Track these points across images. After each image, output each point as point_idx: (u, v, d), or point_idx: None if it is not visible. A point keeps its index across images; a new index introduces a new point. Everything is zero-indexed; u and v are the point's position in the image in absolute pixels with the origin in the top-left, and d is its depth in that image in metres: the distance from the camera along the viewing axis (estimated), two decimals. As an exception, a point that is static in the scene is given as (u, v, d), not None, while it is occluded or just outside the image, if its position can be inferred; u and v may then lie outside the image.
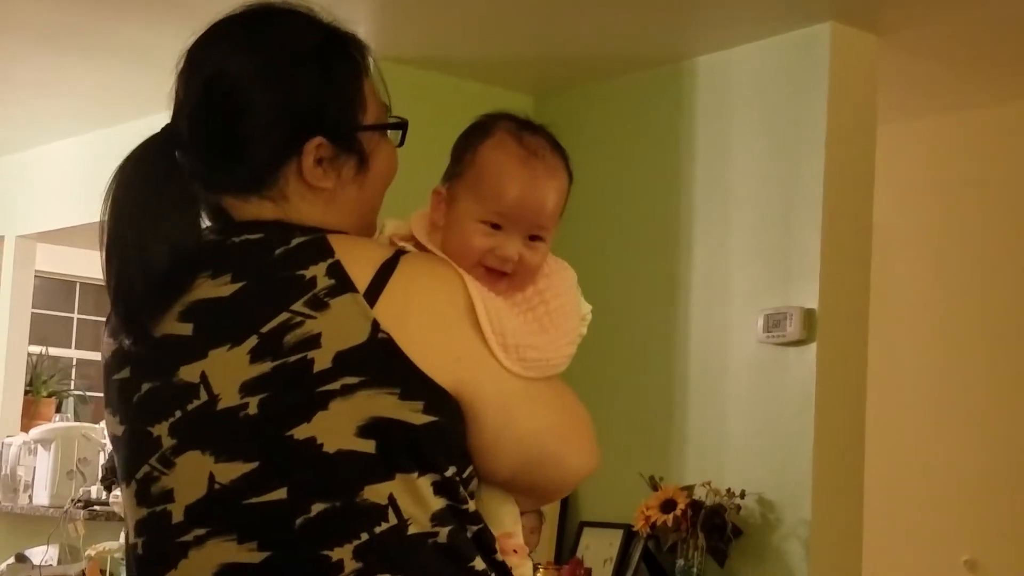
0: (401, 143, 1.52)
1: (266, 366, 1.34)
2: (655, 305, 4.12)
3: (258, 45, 1.45)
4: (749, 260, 3.89)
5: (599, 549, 4.05)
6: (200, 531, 1.36)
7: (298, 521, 1.32)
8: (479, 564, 1.37)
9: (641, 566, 3.90)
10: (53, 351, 6.34)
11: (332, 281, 1.34)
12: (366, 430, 1.32)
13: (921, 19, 3.77)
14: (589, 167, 4.38)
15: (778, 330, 3.73)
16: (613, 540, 4.03)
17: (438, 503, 1.35)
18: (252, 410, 1.34)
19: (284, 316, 1.34)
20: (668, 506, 3.75)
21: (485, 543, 1.40)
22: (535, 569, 3.99)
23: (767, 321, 3.76)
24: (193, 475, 1.36)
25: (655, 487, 3.85)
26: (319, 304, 1.33)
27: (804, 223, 3.76)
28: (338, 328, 1.33)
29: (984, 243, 4.57)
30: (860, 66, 3.85)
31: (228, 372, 1.35)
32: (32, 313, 5.89)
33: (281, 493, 1.33)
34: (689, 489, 3.79)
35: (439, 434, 1.34)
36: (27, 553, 4.84)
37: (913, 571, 4.57)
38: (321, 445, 1.32)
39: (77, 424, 5.24)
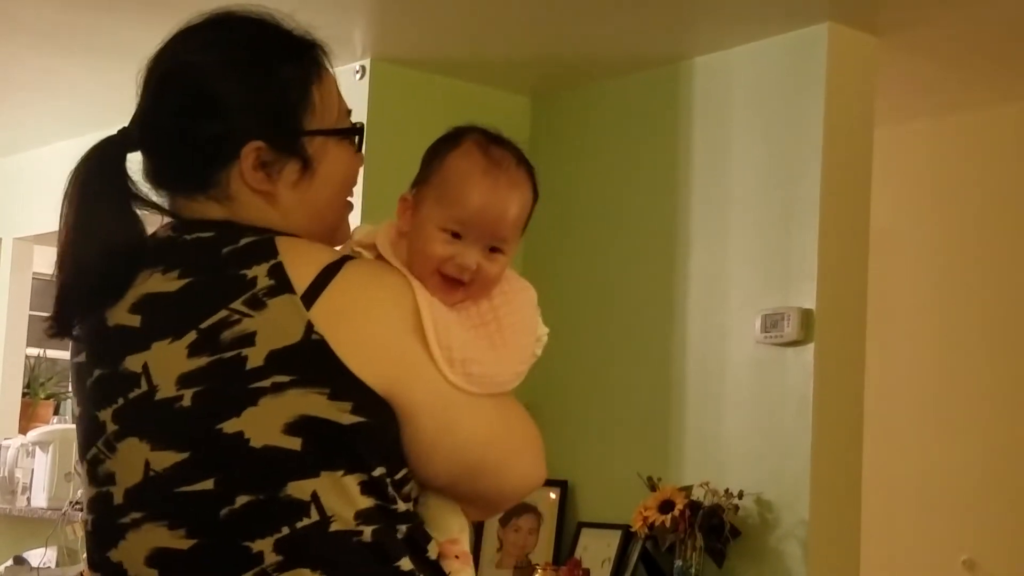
0: (358, 149, 1.54)
1: (202, 360, 1.38)
2: (653, 305, 4.11)
3: (208, 47, 1.48)
4: (747, 261, 3.90)
5: (597, 550, 4.05)
6: (136, 514, 1.41)
7: (223, 512, 1.36)
8: (406, 564, 1.40)
9: (639, 567, 3.90)
10: (51, 353, 6.32)
11: (272, 281, 1.37)
12: (294, 427, 1.35)
13: (919, 20, 3.77)
14: (586, 168, 4.38)
15: (776, 330, 3.73)
16: (611, 541, 4.03)
17: (365, 502, 1.37)
18: (186, 402, 1.38)
19: (223, 313, 1.37)
20: (666, 507, 3.75)
21: (416, 543, 1.42)
22: (534, 570, 3.99)
23: (765, 321, 3.76)
24: (132, 461, 1.41)
25: (653, 488, 3.85)
26: (257, 303, 1.37)
27: (802, 224, 3.76)
28: (273, 327, 1.36)
29: (982, 244, 4.57)
30: (858, 67, 3.85)
31: (167, 364, 1.40)
32: (29, 315, 5.88)
33: (209, 484, 1.37)
34: (687, 489, 3.79)
35: (367, 435, 1.37)
36: (25, 555, 4.84)
37: (911, 571, 4.57)
38: (248, 440, 1.36)
39: (75, 426, 5.23)
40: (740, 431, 3.84)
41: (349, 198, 1.55)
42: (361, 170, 1.58)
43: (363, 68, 4.21)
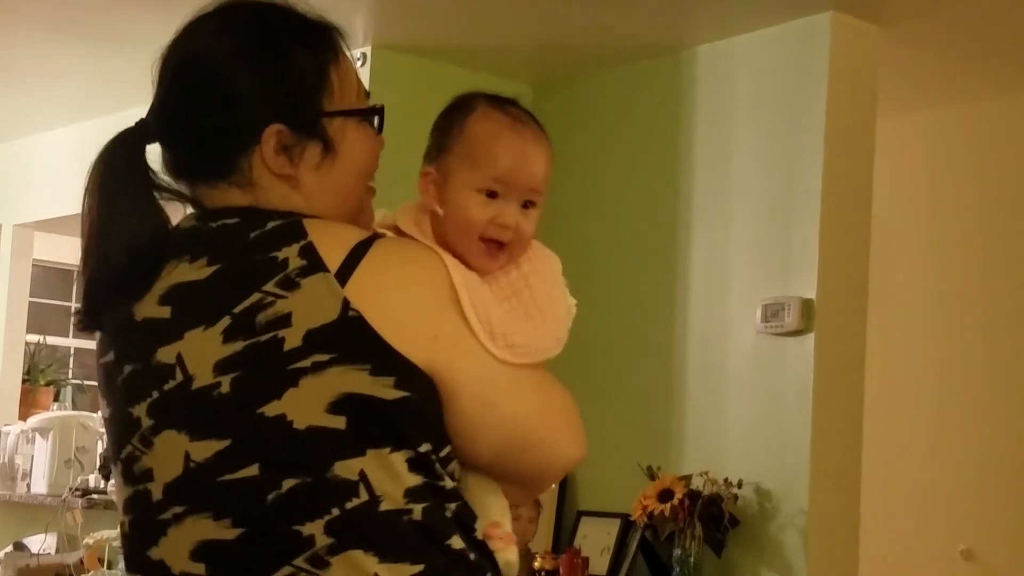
0: (379, 130, 1.53)
1: (238, 345, 1.36)
2: (654, 295, 4.11)
3: (221, 33, 1.48)
4: (748, 250, 3.89)
5: (597, 538, 4.05)
6: (178, 509, 1.39)
7: (270, 497, 1.34)
8: (456, 543, 1.38)
9: (638, 556, 3.91)
10: (51, 340, 6.33)
11: (304, 262, 1.36)
12: (336, 406, 1.34)
13: (921, 10, 3.77)
14: (588, 157, 4.37)
15: (776, 320, 3.73)
16: (611, 529, 4.03)
17: (413, 480, 1.36)
18: (224, 389, 1.36)
19: (256, 296, 1.36)
20: (666, 496, 3.75)
21: (465, 522, 1.40)
22: (533, 558, 3.99)
23: (765, 311, 3.76)
24: (170, 454, 1.39)
25: (653, 477, 3.85)
26: (290, 284, 1.36)
27: (803, 214, 3.75)
28: (308, 307, 1.35)
29: (983, 235, 4.57)
30: (860, 56, 3.84)
31: (202, 352, 1.38)
32: (30, 302, 5.88)
33: (253, 470, 1.35)
34: (687, 479, 3.79)
35: (411, 410, 1.35)
36: (25, 541, 4.84)
37: (909, 560, 4.57)
38: (291, 422, 1.34)
39: (75, 413, 5.24)
40: (740, 421, 3.84)
41: (371, 183, 1.54)
42: None
43: (364, 55, 4.21)
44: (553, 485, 1.58)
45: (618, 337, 4.17)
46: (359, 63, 4.19)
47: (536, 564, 3.98)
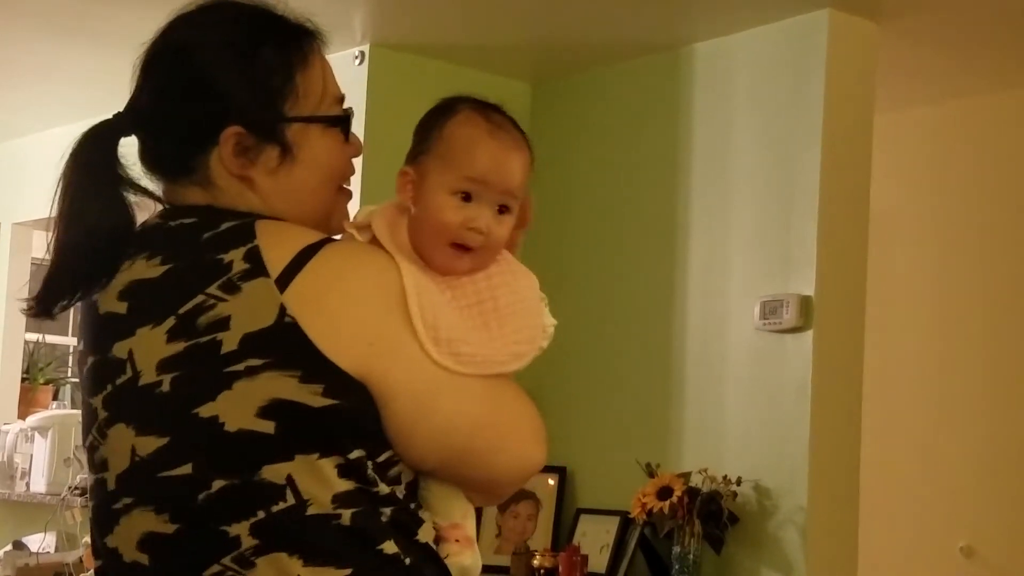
0: (345, 138, 1.52)
1: (180, 346, 1.39)
2: (652, 292, 4.11)
3: (191, 31, 1.50)
4: (746, 247, 3.89)
5: (596, 536, 4.05)
6: (127, 500, 1.43)
7: (201, 496, 1.37)
8: (389, 547, 1.39)
9: (638, 553, 3.91)
10: (50, 338, 6.32)
11: (247, 265, 1.38)
12: (267, 411, 1.35)
13: (919, 6, 3.77)
14: (587, 154, 4.37)
15: (775, 317, 3.73)
16: (610, 527, 4.03)
17: (343, 485, 1.37)
18: (165, 387, 1.39)
19: (200, 298, 1.38)
20: (665, 493, 3.75)
21: (404, 526, 1.41)
22: (532, 556, 3.99)
23: (764, 308, 3.76)
24: (120, 446, 1.43)
25: (652, 474, 3.85)
26: (231, 288, 1.37)
27: (802, 210, 3.76)
28: (247, 311, 1.37)
29: (982, 231, 4.57)
30: (859, 53, 3.85)
31: (149, 350, 1.41)
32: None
33: (187, 468, 1.38)
34: (686, 476, 3.80)
35: (340, 417, 1.36)
36: (24, 540, 4.84)
37: (909, 557, 4.58)
38: (223, 424, 1.36)
39: (74, 411, 5.23)
40: (739, 418, 3.84)
41: (346, 186, 1.54)
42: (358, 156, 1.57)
43: (362, 54, 4.20)
44: (510, 490, 1.55)
45: (617, 334, 4.16)
46: (357, 61, 4.18)
47: (535, 562, 3.99)
